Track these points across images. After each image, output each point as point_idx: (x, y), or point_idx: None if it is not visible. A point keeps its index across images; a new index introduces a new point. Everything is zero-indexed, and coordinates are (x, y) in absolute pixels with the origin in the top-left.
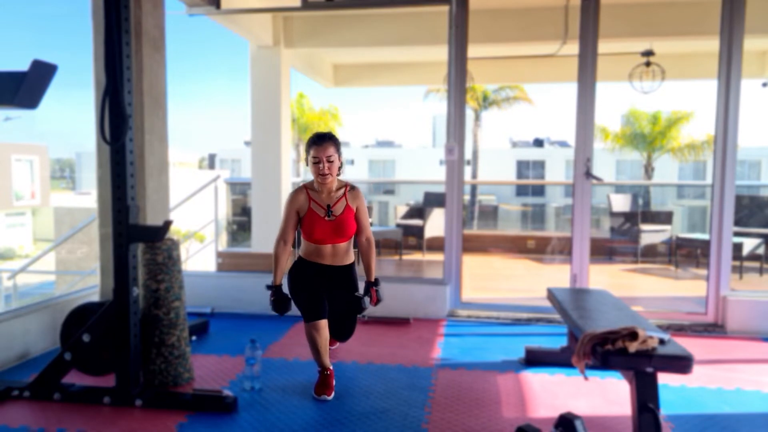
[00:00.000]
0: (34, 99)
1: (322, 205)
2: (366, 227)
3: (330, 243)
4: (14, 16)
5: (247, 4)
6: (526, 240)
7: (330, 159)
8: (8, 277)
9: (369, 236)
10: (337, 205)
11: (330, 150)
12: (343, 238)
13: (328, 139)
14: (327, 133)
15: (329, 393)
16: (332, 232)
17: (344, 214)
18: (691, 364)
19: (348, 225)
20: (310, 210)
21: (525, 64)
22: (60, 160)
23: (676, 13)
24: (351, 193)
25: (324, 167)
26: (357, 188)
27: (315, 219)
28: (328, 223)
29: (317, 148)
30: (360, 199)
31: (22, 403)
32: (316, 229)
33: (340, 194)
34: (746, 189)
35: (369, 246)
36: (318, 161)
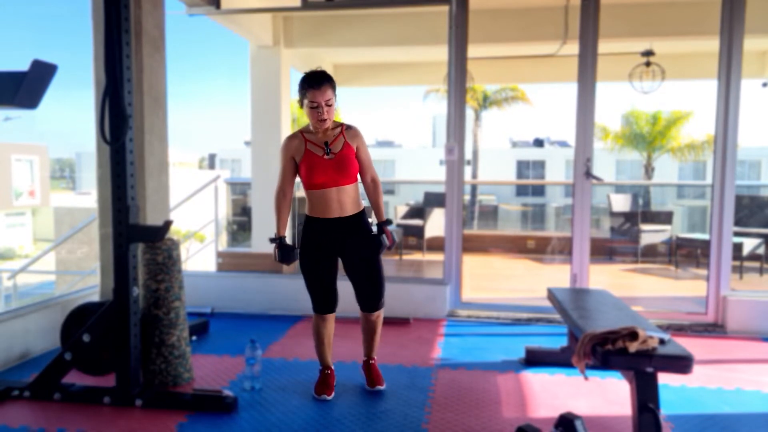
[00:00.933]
0: (34, 99)
1: (320, 144)
2: (369, 166)
3: (334, 186)
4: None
5: (247, 4)
6: (526, 240)
7: (329, 103)
8: (8, 277)
9: (374, 175)
10: (335, 143)
11: (328, 93)
12: (346, 179)
13: (325, 81)
14: (322, 72)
15: (329, 393)
16: (334, 171)
17: (344, 150)
18: (691, 364)
19: (350, 163)
20: (307, 151)
21: (525, 64)
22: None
23: (676, 13)
24: (349, 132)
25: (323, 112)
26: (354, 126)
27: (314, 160)
28: (329, 162)
29: (314, 92)
30: (360, 137)
31: (22, 403)
32: (316, 170)
33: (337, 132)
34: (746, 189)
35: (375, 186)
36: (316, 105)
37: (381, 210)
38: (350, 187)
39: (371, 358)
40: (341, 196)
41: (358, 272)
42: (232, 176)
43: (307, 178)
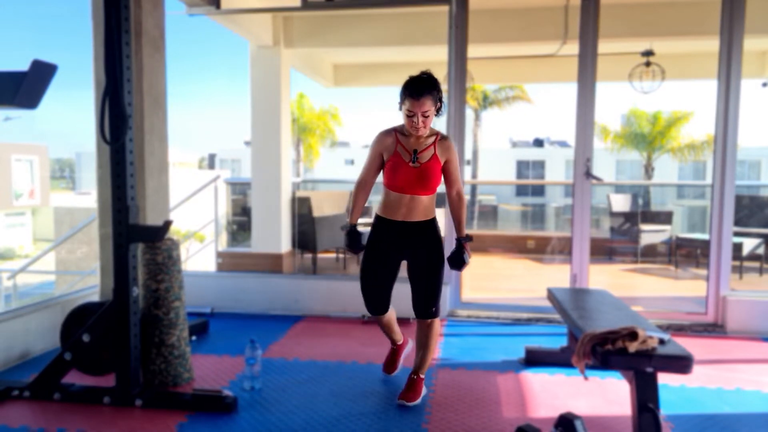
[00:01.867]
0: (34, 99)
1: (409, 150)
2: (457, 180)
3: (410, 193)
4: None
5: (247, 4)
6: (526, 240)
7: (426, 114)
8: (8, 277)
9: (460, 190)
10: (424, 152)
11: (427, 105)
12: (425, 190)
13: (426, 93)
14: (427, 79)
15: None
16: (415, 180)
17: (430, 162)
18: (691, 364)
19: (433, 175)
20: (396, 153)
21: (525, 64)
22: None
23: (676, 13)
24: (441, 144)
25: (418, 122)
26: (448, 138)
27: (399, 163)
28: (413, 169)
29: (413, 102)
30: (451, 150)
31: (22, 403)
32: (399, 174)
33: (430, 142)
34: (746, 189)
35: (460, 200)
36: (412, 115)
37: (463, 225)
38: (425, 198)
39: (416, 374)
40: (414, 203)
41: (418, 278)
42: (232, 176)
43: (389, 177)
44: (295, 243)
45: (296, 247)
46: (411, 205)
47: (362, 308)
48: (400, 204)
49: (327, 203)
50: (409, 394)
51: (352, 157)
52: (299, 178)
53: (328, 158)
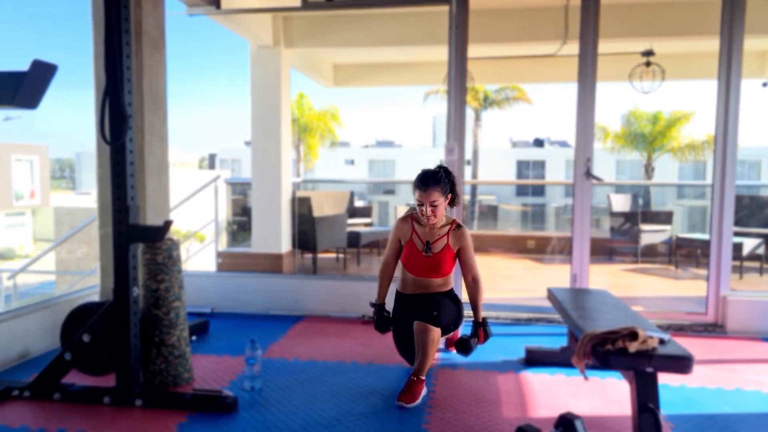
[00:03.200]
0: (34, 99)
1: (423, 240)
2: (472, 267)
3: (424, 277)
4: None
5: (247, 4)
6: (526, 240)
7: (434, 204)
8: (8, 277)
9: (476, 275)
10: (437, 243)
11: (434, 195)
12: (438, 275)
13: (433, 184)
14: (433, 174)
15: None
16: (428, 268)
17: (442, 252)
18: (691, 364)
19: (444, 264)
20: (411, 241)
21: (525, 64)
22: (60, 160)
23: (676, 13)
24: (455, 233)
25: (427, 211)
26: (463, 228)
27: (413, 252)
28: (426, 258)
29: (421, 193)
30: (464, 238)
31: (22, 403)
32: (413, 261)
33: (443, 232)
34: (746, 189)
35: (476, 285)
36: (421, 205)
37: (479, 309)
38: (439, 280)
39: (416, 376)
40: (428, 284)
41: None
42: (232, 176)
43: (405, 261)
44: (295, 243)
45: (296, 247)
46: (425, 285)
47: (362, 308)
48: (418, 285)
49: (327, 203)
50: (408, 395)
51: (351, 157)
52: (299, 178)
53: (328, 158)
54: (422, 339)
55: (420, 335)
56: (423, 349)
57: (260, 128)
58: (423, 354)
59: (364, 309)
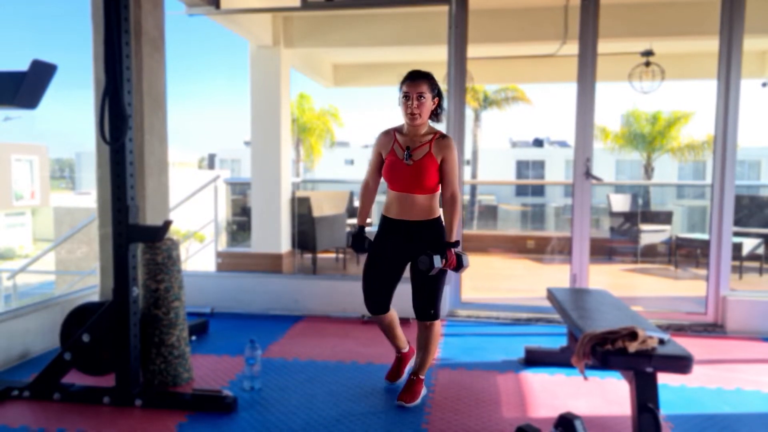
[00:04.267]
0: (34, 99)
1: (403, 147)
2: (452, 181)
3: (407, 192)
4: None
5: (247, 4)
6: (526, 240)
7: (421, 97)
8: (8, 277)
9: (454, 192)
10: (418, 150)
11: (422, 87)
12: (420, 189)
13: (422, 77)
14: (424, 71)
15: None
16: (409, 178)
17: (424, 160)
18: (691, 364)
19: (427, 175)
20: (392, 150)
21: (525, 64)
22: (60, 160)
23: (676, 13)
24: (438, 142)
25: (413, 104)
26: (448, 138)
27: (394, 161)
28: (406, 167)
29: (409, 84)
30: (449, 149)
31: (22, 403)
32: (393, 172)
33: (426, 140)
34: (746, 189)
35: (453, 203)
36: (408, 97)
37: (453, 229)
38: (422, 198)
39: (416, 375)
40: (411, 202)
41: (415, 279)
42: (231, 176)
43: (387, 176)
44: (295, 243)
45: (296, 247)
46: (408, 204)
47: (362, 308)
48: (401, 203)
49: (327, 203)
50: (408, 395)
51: (351, 157)
52: (299, 178)
53: (328, 158)
54: (425, 337)
55: (422, 333)
56: (426, 347)
57: (260, 128)
58: (426, 352)
59: (364, 309)
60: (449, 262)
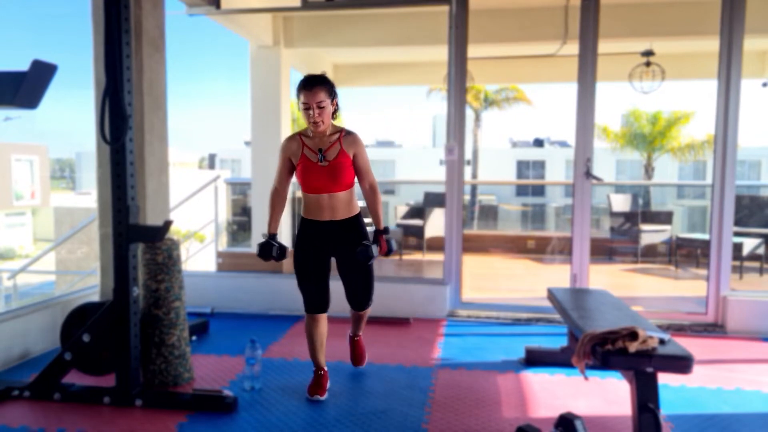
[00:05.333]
0: (34, 99)
1: (314, 150)
2: (368, 172)
3: (327, 192)
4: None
5: (247, 4)
6: (526, 240)
7: (321, 105)
8: (8, 277)
9: (372, 182)
10: (330, 150)
11: (321, 95)
12: (339, 187)
13: (318, 83)
14: (318, 75)
15: (322, 393)
16: (327, 179)
17: (338, 158)
18: (691, 364)
19: (344, 171)
20: (303, 156)
21: (525, 64)
22: (60, 160)
23: (676, 13)
24: (347, 138)
25: (314, 114)
26: (354, 133)
27: (308, 165)
28: (322, 168)
29: (307, 93)
30: (358, 143)
31: (22, 403)
32: (310, 176)
33: (335, 139)
34: (746, 189)
35: (373, 192)
36: (308, 107)
37: (379, 217)
38: (343, 194)
39: (356, 335)
40: (333, 201)
41: (348, 274)
42: (232, 176)
43: (302, 181)
44: (295, 243)
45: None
46: (332, 203)
47: None
48: (321, 205)
49: None
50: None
51: None
52: None
53: None
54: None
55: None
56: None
57: (260, 128)
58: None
59: None
60: (381, 249)
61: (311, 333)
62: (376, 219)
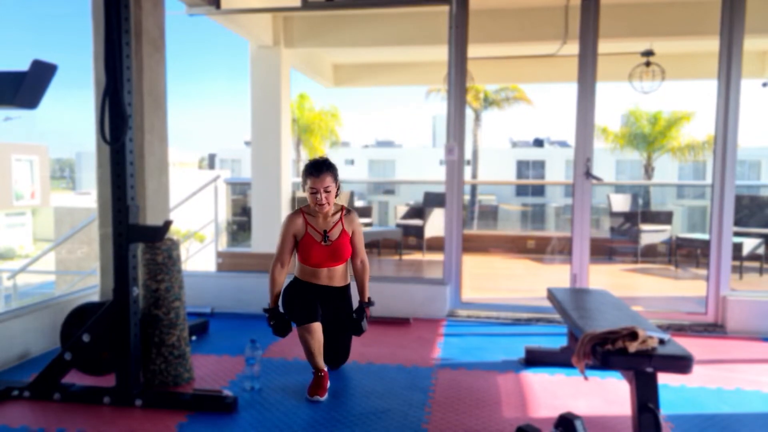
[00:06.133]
0: (34, 99)
1: (319, 231)
2: (361, 250)
3: (326, 267)
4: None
5: (247, 4)
6: (526, 240)
7: (327, 189)
8: (8, 277)
9: (364, 259)
10: (333, 230)
11: (327, 181)
12: (339, 262)
13: (325, 170)
14: (323, 161)
15: (322, 394)
16: (329, 256)
17: (340, 239)
18: (691, 364)
19: (344, 249)
20: (307, 234)
21: (525, 64)
22: (60, 160)
23: (676, 13)
24: (347, 218)
25: (321, 198)
26: (353, 212)
27: (312, 244)
28: (325, 248)
29: (314, 180)
30: (356, 222)
31: (22, 403)
32: (312, 253)
33: (337, 219)
34: (746, 189)
35: (363, 268)
36: (315, 192)
37: (365, 291)
38: (341, 267)
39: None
40: (331, 273)
41: (335, 333)
42: (232, 176)
43: (303, 257)
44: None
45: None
46: (330, 274)
47: None
48: (320, 275)
49: None
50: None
51: (352, 157)
52: (299, 178)
53: None
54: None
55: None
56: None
57: (260, 128)
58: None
59: None
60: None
61: (307, 342)
62: (363, 291)
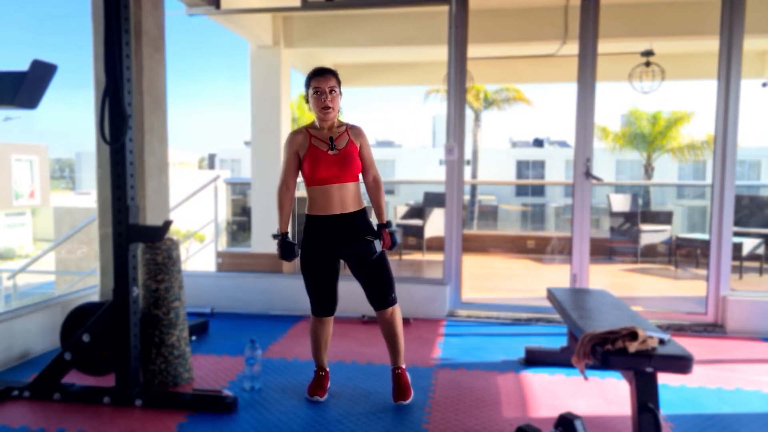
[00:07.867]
0: (34, 99)
1: (324, 139)
2: (372, 165)
3: (336, 182)
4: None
5: (247, 4)
6: (526, 240)
7: (333, 90)
8: (8, 277)
9: (376, 175)
10: (340, 139)
11: (332, 81)
12: (349, 176)
13: (330, 72)
14: (328, 67)
15: (322, 394)
16: (337, 167)
17: (348, 147)
18: (691, 364)
19: (353, 159)
20: (312, 146)
21: (525, 64)
22: (60, 160)
23: (676, 13)
24: (353, 130)
25: (327, 98)
26: (358, 126)
27: (318, 154)
28: (333, 157)
29: (319, 79)
30: (363, 136)
31: (22, 403)
32: (320, 165)
33: (342, 130)
34: (746, 189)
35: (377, 185)
36: (320, 92)
37: (383, 211)
38: (352, 185)
39: (398, 367)
40: (343, 192)
41: (362, 272)
42: (232, 176)
43: (310, 173)
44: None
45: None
46: (342, 194)
47: (362, 308)
48: (331, 196)
49: None
50: (403, 391)
51: None
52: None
53: None
54: (390, 324)
55: (385, 323)
56: (394, 333)
57: (260, 128)
58: (396, 339)
59: (364, 309)
60: (385, 243)
61: (316, 335)
62: (380, 212)
